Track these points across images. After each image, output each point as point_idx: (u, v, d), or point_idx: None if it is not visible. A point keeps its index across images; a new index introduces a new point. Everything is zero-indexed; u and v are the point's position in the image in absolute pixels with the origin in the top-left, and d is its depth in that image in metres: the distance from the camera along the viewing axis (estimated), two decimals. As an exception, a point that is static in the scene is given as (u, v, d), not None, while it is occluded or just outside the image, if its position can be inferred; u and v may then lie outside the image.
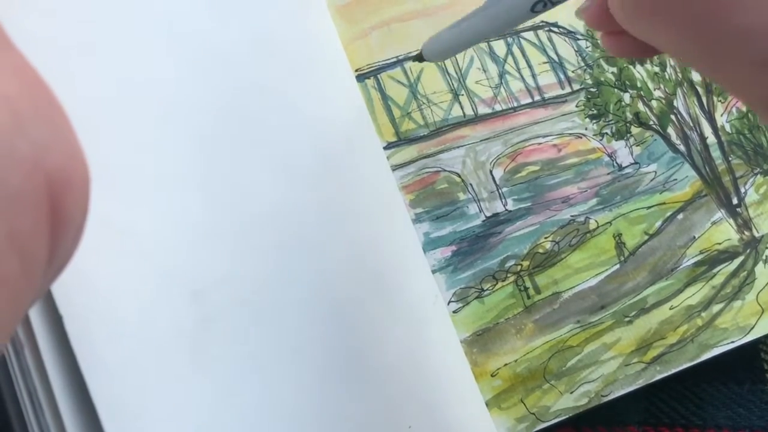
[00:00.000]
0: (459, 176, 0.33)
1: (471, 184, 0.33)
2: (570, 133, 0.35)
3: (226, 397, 0.25)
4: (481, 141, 0.34)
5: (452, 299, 0.32)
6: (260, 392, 0.26)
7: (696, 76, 0.37)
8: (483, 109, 0.34)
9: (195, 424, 0.24)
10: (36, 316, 0.22)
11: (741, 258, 0.35)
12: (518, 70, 0.35)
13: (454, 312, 0.32)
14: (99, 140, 0.24)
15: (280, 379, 0.26)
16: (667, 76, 0.37)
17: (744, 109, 0.37)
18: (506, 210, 0.33)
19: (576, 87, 0.36)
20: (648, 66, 0.36)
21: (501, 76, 0.35)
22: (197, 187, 0.26)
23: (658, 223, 0.35)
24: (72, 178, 0.16)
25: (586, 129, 0.35)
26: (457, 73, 0.34)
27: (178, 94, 0.27)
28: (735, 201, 0.36)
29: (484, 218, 0.33)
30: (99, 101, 0.25)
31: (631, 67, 0.36)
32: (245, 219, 0.27)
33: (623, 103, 0.36)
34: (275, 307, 0.27)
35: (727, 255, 0.35)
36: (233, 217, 0.27)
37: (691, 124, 0.36)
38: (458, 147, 0.33)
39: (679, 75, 0.37)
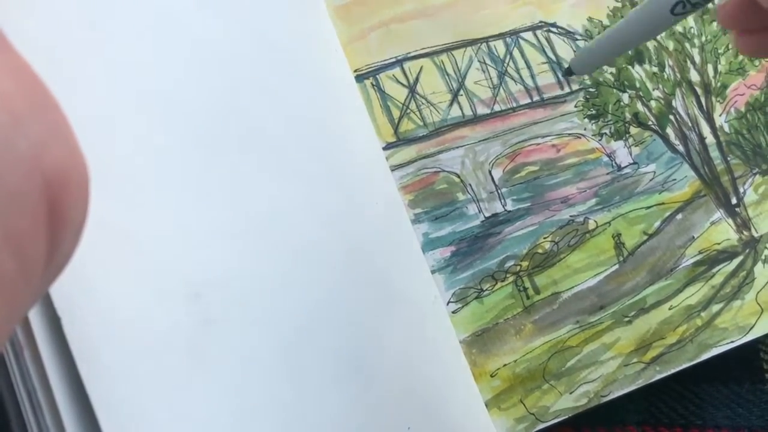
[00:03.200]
0: (458, 176, 0.33)
1: (470, 185, 0.33)
2: (569, 134, 0.35)
3: (225, 399, 0.25)
4: (480, 141, 0.34)
5: (451, 299, 0.32)
6: (259, 393, 0.26)
7: (694, 77, 0.37)
8: (482, 110, 0.34)
9: (194, 425, 0.24)
10: (35, 318, 0.22)
11: (740, 258, 0.35)
12: (517, 70, 0.35)
13: (453, 312, 0.32)
14: (98, 141, 0.24)
15: (279, 380, 0.26)
16: (665, 77, 0.37)
17: (743, 109, 0.37)
18: (505, 210, 0.33)
19: (575, 87, 0.36)
20: (647, 66, 0.36)
21: (500, 76, 0.35)
22: (196, 188, 0.26)
23: (657, 223, 0.35)
24: (71, 178, 0.16)
25: (585, 129, 0.35)
26: (456, 73, 0.34)
27: (177, 95, 0.27)
28: (734, 201, 0.36)
29: (483, 218, 0.33)
30: (98, 102, 0.25)
31: (629, 67, 0.36)
32: (244, 220, 0.27)
33: (622, 104, 0.36)
34: (274, 308, 0.27)
35: (726, 255, 0.35)
36: (232, 219, 0.27)
37: (690, 125, 0.36)
38: (457, 147, 0.33)
39: (678, 75, 0.37)
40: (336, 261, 0.29)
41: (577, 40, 0.36)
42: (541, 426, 0.31)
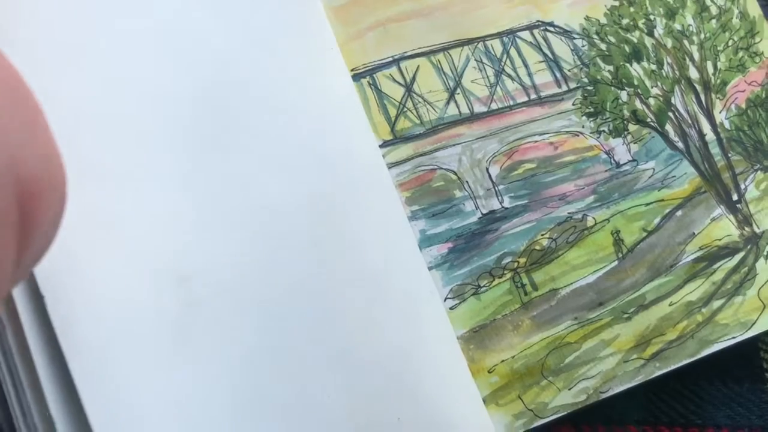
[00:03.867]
0: (455, 174, 0.33)
1: (467, 182, 0.33)
2: (567, 131, 0.35)
3: (210, 383, 0.25)
4: (477, 139, 0.34)
5: (449, 296, 0.32)
6: (245, 377, 0.26)
7: (693, 74, 0.37)
8: (479, 108, 0.34)
9: (177, 406, 0.25)
10: (19, 296, 0.22)
11: (741, 254, 0.35)
12: (514, 69, 0.35)
13: (450, 308, 0.32)
14: (90, 129, 0.25)
15: (266, 364, 0.27)
16: (664, 74, 0.37)
17: (743, 105, 0.37)
18: (503, 207, 0.33)
19: (572, 85, 0.36)
20: (645, 64, 0.37)
21: (497, 75, 0.35)
22: (186, 175, 0.27)
23: (656, 220, 0.35)
24: (45, 184, 0.16)
25: (583, 127, 0.35)
26: (452, 72, 0.34)
27: (170, 88, 0.27)
28: (735, 197, 0.36)
29: (481, 215, 0.33)
30: (91, 93, 0.25)
31: (627, 65, 0.36)
32: (235, 209, 0.27)
33: (620, 101, 0.36)
34: (264, 297, 0.27)
35: (727, 251, 0.35)
36: (222, 207, 0.27)
37: (690, 121, 0.36)
38: (454, 145, 0.34)
39: (677, 73, 0.37)
40: (332, 257, 0.29)
41: (574, 39, 0.36)
42: (540, 422, 0.31)
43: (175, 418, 0.24)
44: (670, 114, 0.36)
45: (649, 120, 0.36)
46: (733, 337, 0.33)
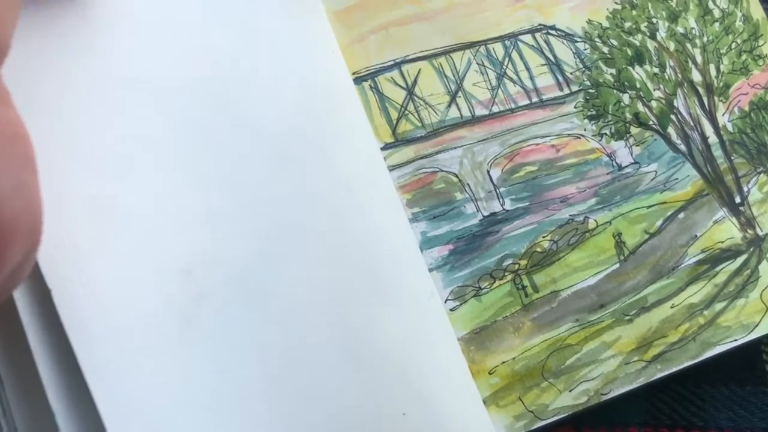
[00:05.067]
0: (456, 176, 0.34)
1: (468, 184, 0.34)
2: (568, 134, 0.35)
3: (217, 372, 0.25)
4: (478, 142, 0.34)
5: (449, 297, 0.32)
6: (252, 371, 0.26)
7: (696, 77, 0.37)
8: (480, 111, 0.35)
9: (185, 397, 0.25)
10: (20, 294, 0.23)
11: (744, 256, 0.35)
12: (516, 72, 0.36)
13: (451, 310, 0.32)
14: (93, 120, 0.26)
15: (271, 355, 0.27)
16: (667, 77, 0.37)
17: (746, 108, 0.37)
18: (504, 209, 0.34)
19: (574, 88, 0.36)
20: (647, 67, 0.37)
21: (499, 78, 0.35)
22: (189, 172, 0.27)
23: (658, 222, 0.35)
24: (20, 228, 0.18)
25: (584, 130, 0.35)
26: (454, 75, 0.35)
27: (173, 84, 0.28)
28: (738, 200, 0.35)
29: (482, 217, 0.33)
30: (97, 87, 0.26)
31: (630, 68, 0.36)
32: (238, 205, 0.28)
33: (622, 104, 0.36)
34: (269, 291, 0.27)
35: (729, 253, 0.35)
36: (226, 203, 0.28)
37: (692, 124, 0.36)
38: (455, 147, 0.34)
39: (679, 75, 0.37)
40: (333, 257, 0.30)
41: (576, 42, 0.36)
42: (541, 423, 0.31)
43: (184, 408, 0.25)
44: (673, 117, 0.36)
45: (651, 123, 0.36)
46: (735, 340, 0.33)
